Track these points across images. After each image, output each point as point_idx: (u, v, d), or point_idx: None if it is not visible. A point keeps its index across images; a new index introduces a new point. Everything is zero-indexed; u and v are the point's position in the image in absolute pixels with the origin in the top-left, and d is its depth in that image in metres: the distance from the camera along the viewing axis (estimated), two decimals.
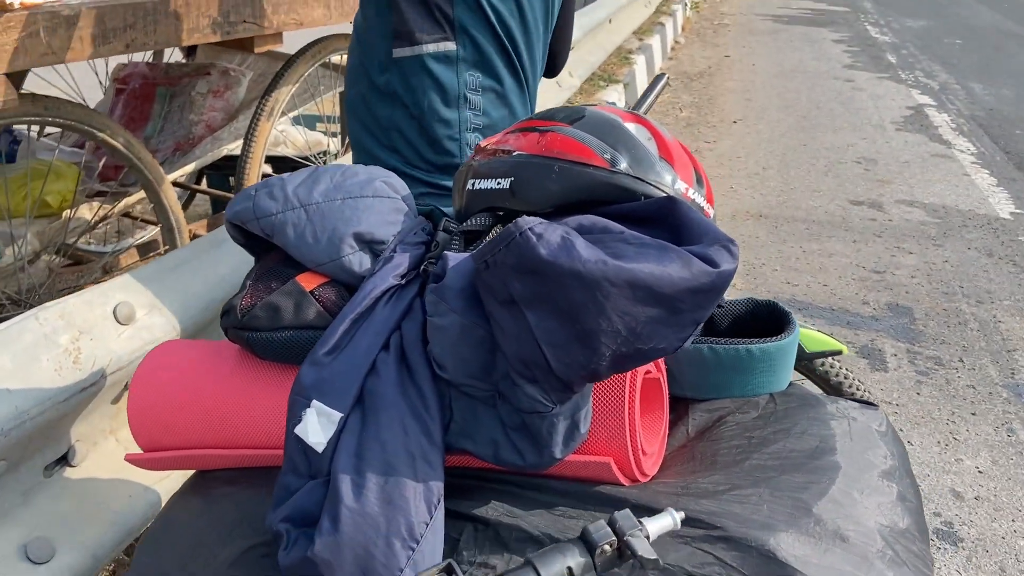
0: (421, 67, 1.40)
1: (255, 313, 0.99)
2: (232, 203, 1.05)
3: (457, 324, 0.86)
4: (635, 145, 0.92)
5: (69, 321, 1.34)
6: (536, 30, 1.49)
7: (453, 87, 1.41)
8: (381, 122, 1.47)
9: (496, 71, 1.44)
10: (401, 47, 1.40)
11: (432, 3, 1.37)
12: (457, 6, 1.38)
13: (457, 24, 1.38)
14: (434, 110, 1.41)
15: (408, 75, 1.41)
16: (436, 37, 1.39)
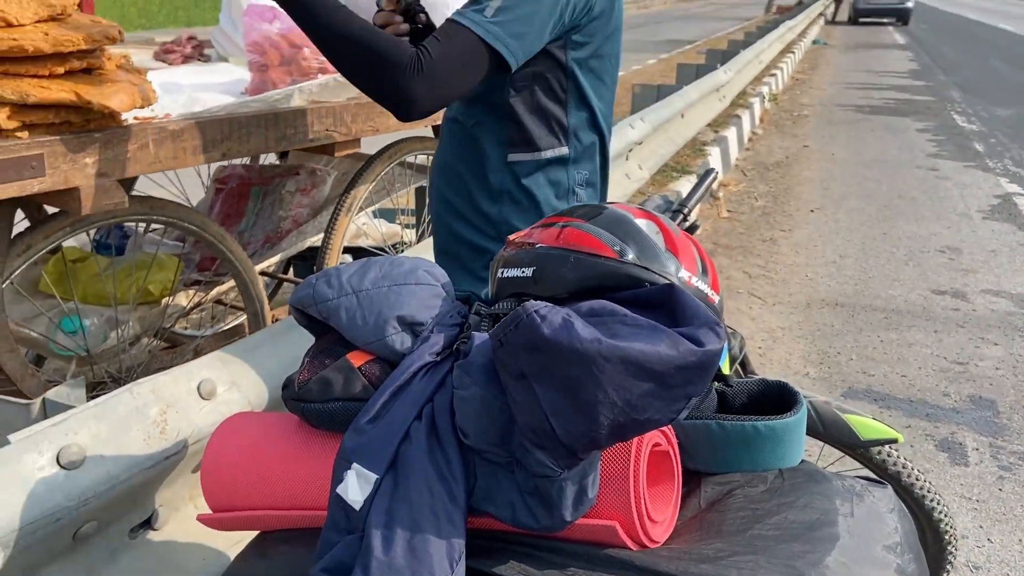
0: (537, 169, 1.59)
1: (310, 387, 1.12)
2: (296, 290, 1.20)
3: (479, 396, 0.96)
4: (643, 238, 1.03)
5: (159, 395, 1.51)
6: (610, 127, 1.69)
7: (564, 183, 1.61)
8: (491, 218, 1.64)
9: (595, 164, 1.65)
10: (518, 153, 1.59)
11: (551, 116, 1.56)
12: (571, 116, 1.57)
13: (571, 131, 1.58)
14: (550, 205, 1.60)
15: (523, 176, 1.59)
16: (553, 143, 1.58)
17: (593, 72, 1.57)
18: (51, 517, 1.29)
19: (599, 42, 1.54)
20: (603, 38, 1.55)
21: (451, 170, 1.69)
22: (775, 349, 3.91)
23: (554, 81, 1.54)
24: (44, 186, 1.48)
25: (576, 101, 1.57)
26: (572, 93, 1.56)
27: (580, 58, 1.54)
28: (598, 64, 1.57)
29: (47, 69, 1.45)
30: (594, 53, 1.55)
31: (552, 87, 1.55)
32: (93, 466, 1.35)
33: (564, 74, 1.54)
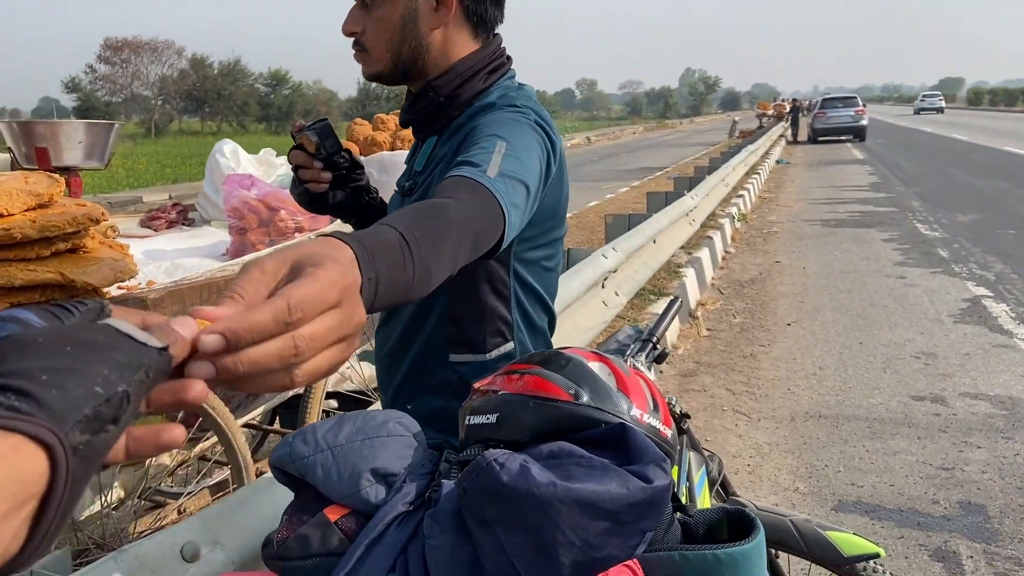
0: (482, 368, 1.42)
1: (289, 544, 1.16)
2: (275, 449, 1.26)
3: (448, 544, 1.01)
4: (596, 381, 1.11)
5: (143, 562, 1.52)
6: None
7: None
8: (431, 412, 1.47)
9: (544, 344, 1.51)
10: (460, 354, 1.44)
11: (494, 315, 1.42)
12: (515, 312, 1.43)
13: (515, 326, 1.44)
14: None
15: (468, 376, 1.42)
16: (497, 343, 1.43)
17: (540, 264, 1.43)
18: None
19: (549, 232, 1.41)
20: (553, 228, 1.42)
21: (389, 357, 1.54)
22: (763, 466, 3.92)
23: (497, 277, 1.40)
24: None
25: (523, 296, 1.44)
26: (517, 287, 1.43)
27: (525, 249, 1.39)
28: (548, 253, 1.44)
29: (34, 252, 1.55)
30: (545, 244, 1.42)
31: (496, 281, 1.41)
32: None
33: (506, 268, 1.40)
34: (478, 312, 1.42)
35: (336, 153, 1.50)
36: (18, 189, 1.54)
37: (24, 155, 2.30)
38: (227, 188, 2.37)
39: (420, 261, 0.83)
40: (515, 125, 1.29)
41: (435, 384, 1.48)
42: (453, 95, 1.43)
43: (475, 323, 1.43)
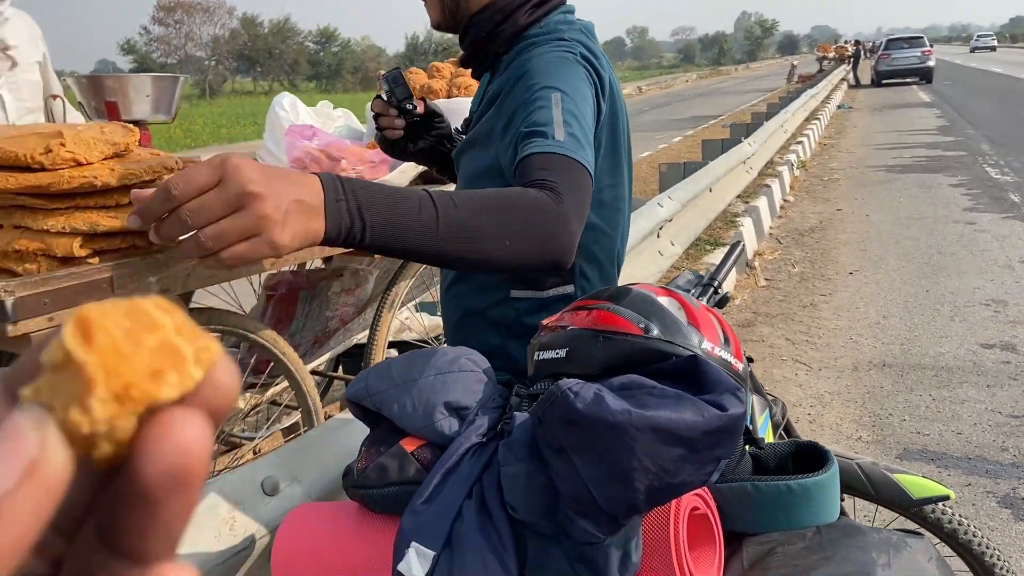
0: (540, 307, 1.45)
1: (368, 474, 1.20)
2: (350, 385, 1.30)
3: (524, 472, 1.04)
4: (665, 314, 1.11)
5: (227, 494, 1.60)
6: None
7: None
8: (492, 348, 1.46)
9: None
10: (520, 290, 1.45)
11: None
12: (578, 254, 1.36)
13: (577, 270, 1.43)
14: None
15: (524, 314, 1.45)
16: (556, 282, 1.44)
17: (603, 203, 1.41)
18: None
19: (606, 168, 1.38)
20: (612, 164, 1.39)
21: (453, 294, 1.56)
22: (825, 415, 3.88)
23: None
24: None
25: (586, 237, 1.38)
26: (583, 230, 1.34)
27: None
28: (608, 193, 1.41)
29: (114, 200, 1.60)
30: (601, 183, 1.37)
31: None
32: None
33: None
34: None
35: (406, 100, 1.55)
36: (96, 138, 1.60)
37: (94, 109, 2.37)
38: (289, 139, 2.41)
39: (447, 216, 0.93)
40: (563, 66, 1.28)
41: (494, 321, 1.49)
42: (495, 32, 1.41)
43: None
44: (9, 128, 1.67)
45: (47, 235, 1.52)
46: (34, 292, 1.45)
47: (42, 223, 1.51)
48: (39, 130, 1.61)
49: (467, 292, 1.53)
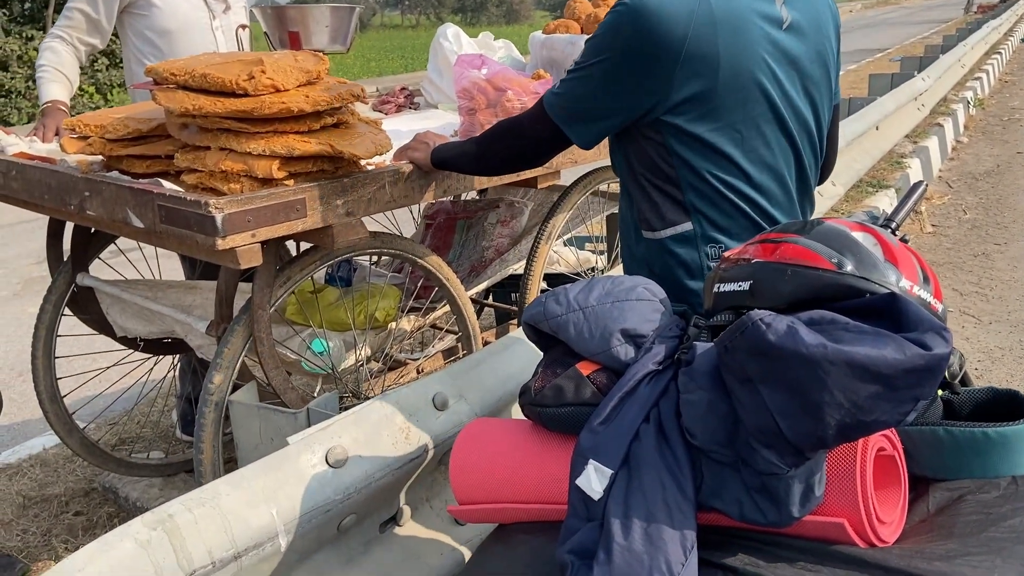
0: (663, 248, 1.51)
1: (545, 393, 1.25)
2: (527, 308, 1.35)
3: (704, 399, 1.05)
4: (860, 250, 1.08)
5: (402, 406, 1.71)
6: (787, 180, 1.53)
7: (695, 262, 1.49)
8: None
9: (738, 237, 1.48)
10: (646, 231, 1.54)
11: (666, 194, 1.48)
12: (687, 191, 1.47)
13: (690, 207, 1.48)
14: (681, 283, 1.50)
15: (654, 253, 1.54)
16: (672, 221, 1.50)
17: (705, 146, 1.43)
18: (323, 508, 1.50)
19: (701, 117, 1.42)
20: (706, 112, 1.42)
21: (621, 226, 1.69)
22: (993, 371, 3.64)
23: (658, 159, 1.47)
24: (306, 225, 1.73)
25: (690, 177, 1.46)
26: (683, 169, 1.46)
27: (678, 135, 1.43)
28: (711, 137, 1.43)
29: (307, 126, 1.70)
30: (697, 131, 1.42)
31: (658, 165, 1.47)
32: (354, 465, 1.56)
33: (666, 151, 1.45)
34: (646, 193, 1.52)
35: None
36: (291, 66, 1.69)
37: (279, 39, 2.50)
38: (458, 69, 2.45)
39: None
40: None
41: (639, 257, 1.61)
42: None
43: (647, 202, 1.53)
44: (215, 56, 1.79)
45: (249, 157, 1.64)
46: (240, 210, 1.58)
47: (245, 146, 1.63)
48: (241, 58, 1.72)
49: (622, 227, 1.68)
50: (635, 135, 1.50)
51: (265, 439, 1.85)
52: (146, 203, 1.66)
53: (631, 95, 1.43)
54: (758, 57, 1.42)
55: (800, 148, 1.54)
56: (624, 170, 1.58)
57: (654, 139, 1.47)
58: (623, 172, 1.59)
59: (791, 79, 1.49)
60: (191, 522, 1.33)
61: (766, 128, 1.47)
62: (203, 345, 2.14)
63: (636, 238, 1.59)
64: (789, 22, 1.47)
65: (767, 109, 1.46)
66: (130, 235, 1.84)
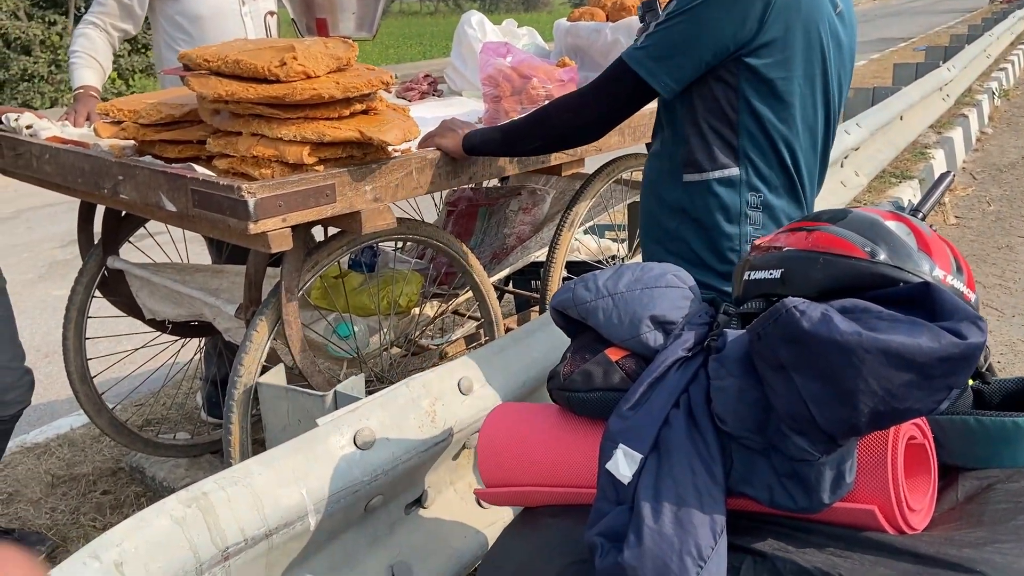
0: (707, 190, 1.62)
1: (574, 378, 1.27)
2: (556, 294, 1.36)
3: (735, 386, 1.06)
4: (894, 239, 1.08)
5: (428, 390, 1.73)
6: (817, 147, 1.66)
7: (735, 206, 1.61)
8: (668, 233, 1.71)
9: (775, 190, 1.62)
10: (690, 173, 1.64)
11: (720, 137, 1.59)
12: (742, 137, 1.58)
13: (741, 152, 1.59)
14: (718, 226, 1.62)
15: (695, 196, 1.64)
16: (721, 164, 1.60)
17: (773, 94, 1.55)
18: (351, 489, 1.52)
19: (777, 64, 1.52)
20: (782, 60, 1.52)
21: (644, 189, 1.79)
22: (1016, 364, 3.62)
23: (724, 103, 1.56)
24: (335, 210, 1.75)
25: (750, 123, 1.56)
26: (745, 114, 1.56)
27: (752, 80, 1.53)
28: (781, 85, 1.54)
29: (336, 112, 1.72)
30: (770, 76, 1.53)
31: (722, 108, 1.57)
32: (381, 447, 1.58)
33: (735, 95, 1.55)
34: (702, 133, 1.60)
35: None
36: (322, 53, 1.70)
37: (306, 26, 2.51)
38: (483, 56, 2.45)
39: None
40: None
41: (672, 205, 1.68)
42: None
43: (701, 143, 1.60)
44: (246, 42, 1.81)
45: (280, 143, 1.66)
46: (271, 195, 1.60)
47: (276, 131, 1.65)
48: (273, 44, 1.74)
49: (650, 181, 1.75)
50: (707, 76, 1.56)
51: (293, 420, 1.88)
52: (179, 187, 1.68)
53: (725, 35, 1.50)
54: (824, 26, 1.55)
55: (830, 123, 1.65)
56: (683, 112, 1.63)
57: (727, 81, 1.55)
58: (680, 114, 1.63)
59: (837, 59, 1.61)
60: (224, 500, 1.36)
61: (818, 92, 1.59)
62: (231, 328, 2.16)
63: (672, 183, 1.67)
64: (840, 9, 1.60)
65: (821, 75, 1.58)
66: (162, 219, 1.87)
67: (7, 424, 2.08)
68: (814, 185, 1.72)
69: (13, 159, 2.13)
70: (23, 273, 5.10)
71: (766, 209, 1.62)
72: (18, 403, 2.06)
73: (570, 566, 1.17)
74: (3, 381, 2.02)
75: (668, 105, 1.69)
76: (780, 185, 1.62)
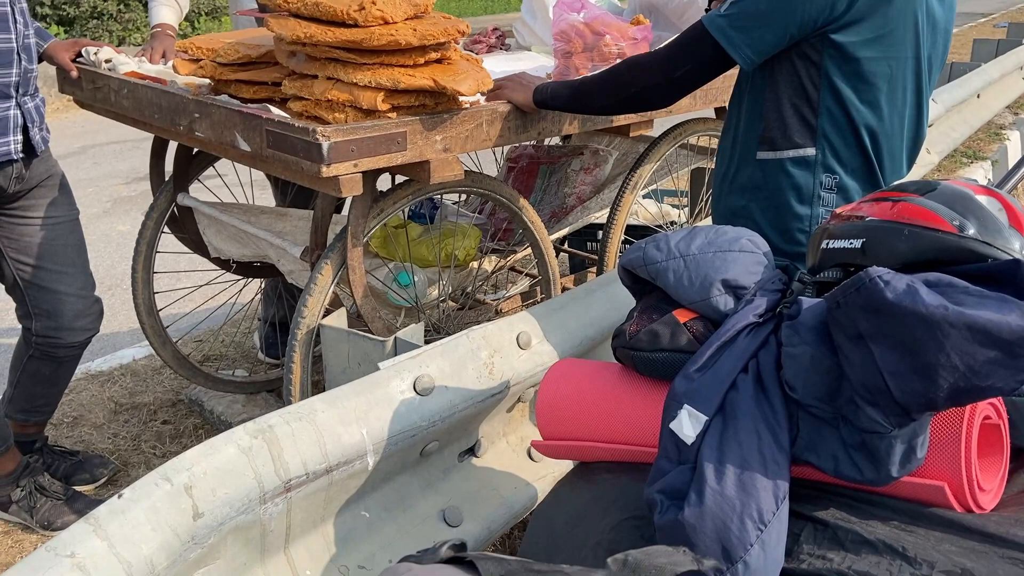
0: (780, 169, 1.58)
1: (639, 337, 1.27)
2: (626, 252, 1.35)
3: (808, 354, 1.05)
4: (985, 214, 1.05)
5: (488, 341, 1.74)
6: (904, 132, 1.59)
7: (808, 187, 1.57)
8: (736, 210, 1.67)
9: (853, 172, 1.57)
10: (764, 151, 1.60)
11: (799, 115, 1.55)
12: (822, 116, 1.53)
13: (820, 132, 1.54)
14: (789, 206, 1.59)
15: (768, 174, 1.60)
16: (797, 144, 1.56)
17: (858, 74, 1.50)
18: (409, 433, 1.55)
19: (865, 43, 1.48)
20: (871, 39, 1.47)
21: (719, 158, 1.76)
22: None
23: (806, 79, 1.52)
24: (404, 159, 1.76)
25: (831, 102, 1.52)
26: (826, 93, 1.52)
27: (836, 57, 1.49)
28: (867, 65, 1.49)
29: (412, 60, 1.72)
30: (857, 54, 1.48)
31: (803, 85, 1.53)
32: (439, 394, 1.61)
33: (817, 72, 1.51)
34: (780, 109, 1.57)
35: None
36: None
37: None
38: (557, 11, 2.42)
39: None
40: None
41: (742, 183, 1.66)
42: None
43: (778, 120, 1.57)
44: None
45: (355, 88, 1.66)
46: (344, 139, 1.61)
47: (352, 76, 1.66)
48: None
49: (722, 156, 1.73)
50: (790, 52, 1.53)
51: (353, 363, 1.92)
52: (255, 127, 1.70)
53: (814, 7, 1.45)
54: (921, 4, 1.49)
55: (921, 108, 1.58)
56: (762, 85, 1.60)
57: (811, 58, 1.51)
58: (759, 88, 1.60)
59: (931, 40, 1.54)
60: (288, 434, 1.40)
61: (908, 75, 1.53)
62: (294, 271, 2.20)
63: (746, 160, 1.65)
64: None
65: (913, 57, 1.51)
66: (234, 158, 1.90)
67: (76, 350, 2.16)
68: (898, 171, 1.64)
69: (92, 92, 2.18)
70: (88, 207, 5.24)
71: (840, 191, 1.58)
72: (87, 330, 2.14)
73: (625, 521, 1.19)
74: (74, 308, 2.09)
75: (747, 77, 1.65)
76: (857, 168, 1.57)
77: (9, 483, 2.15)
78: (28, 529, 2.19)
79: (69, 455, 2.38)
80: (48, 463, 2.29)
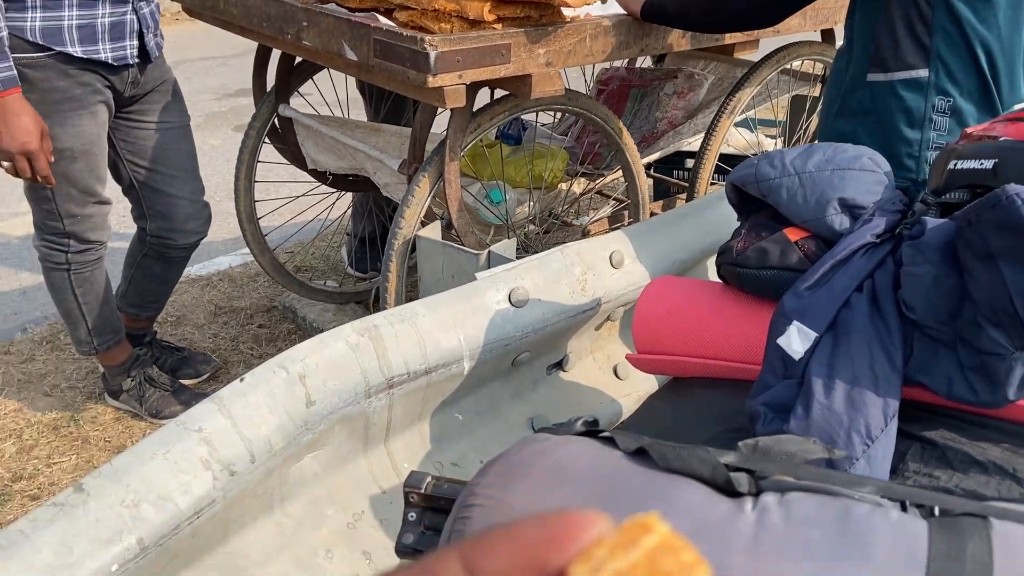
0: (890, 91, 1.52)
1: (747, 254, 1.26)
2: (737, 169, 1.33)
3: (930, 274, 1.03)
4: None
5: (581, 258, 1.76)
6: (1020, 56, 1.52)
7: (919, 110, 1.51)
8: (843, 136, 1.60)
9: (968, 95, 1.50)
10: (875, 72, 1.54)
11: (912, 35, 1.48)
12: (936, 36, 1.47)
13: (934, 53, 1.48)
14: (898, 130, 1.53)
15: (877, 97, 1.55)
16: (909, 64, 1.50)
17: None
18: (503, 342, 1.59)
19: None
20: None
21: (829, 83, 1.71)
22: None
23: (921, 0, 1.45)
24: (507, 72, 1.75)
25: (945, 20, 1.46)
26: (941, 11, 1.45)
27: None
28: None
29: None
30: None
31: (917, 3, 1.46)
32: (533, 307, 1.64)
33: None
34: (893, 28, 1.50)
35: None
36: None
37: None
38: None
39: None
40: None
41: (851, 106, 1.60)
42: None
43: (890, 40, 1.51)
44: None
45: None
46: (451, 49, 1.61)
47: None
48: None
49: (833, 79, 1.68)
50: None
51: (447, 275, 1.96)
52: (362, 36, 1.71)
53: None
54: None
55: None
56: (875, 5, 1.54)
57: None
58: (872, 6, 1.55)
59: None
60: (392, 335, 1.45)
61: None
62: (390, 184, 2.24)
63: (855, 82, 1.60)
64: None
65: None
66: (339, 68, 1.92)
67: (186, 252, 2.26)
68: (1017, 93, 1.56)
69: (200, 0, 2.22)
70: None
71: (954, 114, 1.51)
72: (196, 233, 2.23)
73: (723, 433, 1.20)
74: (185, 211, 2.18)
75: None
76: (974, 90, 1.50)
77: (121, 373, 2.29)
78: (137, 416, 2.34)
79: (175, 350, 2.51)
80: (156, 356, 2.43)
